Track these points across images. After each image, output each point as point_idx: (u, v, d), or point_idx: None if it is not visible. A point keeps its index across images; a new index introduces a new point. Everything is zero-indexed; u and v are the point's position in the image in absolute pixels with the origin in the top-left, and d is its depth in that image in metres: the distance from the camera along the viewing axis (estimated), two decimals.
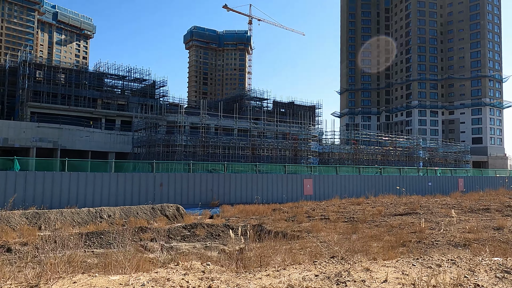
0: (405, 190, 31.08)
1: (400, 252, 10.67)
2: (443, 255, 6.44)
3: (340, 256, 6.18)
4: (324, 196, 32.60)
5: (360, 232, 13.90)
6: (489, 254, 6.98)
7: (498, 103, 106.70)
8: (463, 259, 5.45)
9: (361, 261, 5.50)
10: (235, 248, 12.62)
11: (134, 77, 62.33)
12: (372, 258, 9.37)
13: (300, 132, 43.02)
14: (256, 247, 11.84)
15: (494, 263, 5.35)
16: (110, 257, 7.10)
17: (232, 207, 24.11)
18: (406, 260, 5.45)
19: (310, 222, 16.24)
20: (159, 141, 36.10)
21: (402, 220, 16.32)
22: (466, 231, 13.41)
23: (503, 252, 10.45)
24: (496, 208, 19.99)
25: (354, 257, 6.35)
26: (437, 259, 5.45)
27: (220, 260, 9.88)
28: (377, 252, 10.35)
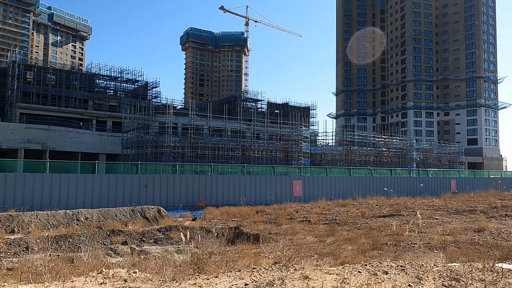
0: (393, 191, 30.79)
1: (372, 256, 10.32)
2: (395, 261, 6.09)
3: (282, 263, 5.81)
4: (313, 197, 32.21)
5: (337, 234, 13.55)
6: (445, 260, 6.63)
7: (493, 104, 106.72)
8: (414, 265, 5.09)
9: (303, 268, 5.14)
10: (205, 251, 12.27)
11: (127, 78, 61.97)
12: (340, 263, 9.03)
13: (291, 133, 42.66)
14: (225, 251, 11.48)
15: (447, 269, 4.99)
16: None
17: (217, 209, 23.75)
18: (354, 267, 5.09)
19: (289, 224, 15.87)
20: (147, 142, 35.70)
21: (384, 222, 15.97)
22: (445, 234, 13.06)
23: (478, 255, 10.10)
24: (482, 209, 19.68)
25: (302, 262, 5.99)
26: (386, 266, 5.09)
27: (181, 264, 9.50)
28: (347, 256, 9.99)
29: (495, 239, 12.15)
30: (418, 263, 5.18)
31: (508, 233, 13.21)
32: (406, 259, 9.91)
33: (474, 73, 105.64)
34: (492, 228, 14.06)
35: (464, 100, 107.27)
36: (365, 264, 5.25)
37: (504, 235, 12.86)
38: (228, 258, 10.27)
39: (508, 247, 11.08)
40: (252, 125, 41.38)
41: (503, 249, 10.86)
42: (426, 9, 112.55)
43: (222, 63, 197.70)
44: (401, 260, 10.03)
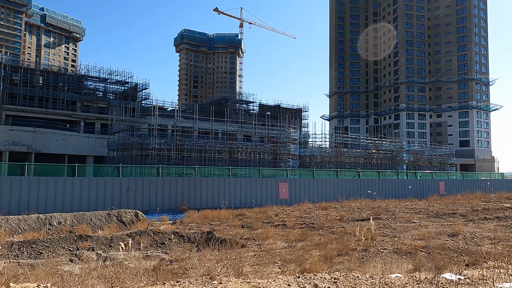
0: (377, 194, 30.62)
1: (337, 262, 10.06)
2: (330, 273, 5.82)
3: (212, 275, 5.52)
4: (300, 199, 31.96)
5: (309, 239, 13.27)
6: (384, 270, 6.37)
7: (485, 106, 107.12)
8: (349, 277, 4.82)
9: (229, 281, 4.85)
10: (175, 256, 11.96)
11: (116, 80, 61.45)
12: (300, 271, 8.75)
13: (280, 135, 42.38)
14: (188, 257, 11.17)
15: (382, 282, 4.73)
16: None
17: (198, 212, 23.37)
18: (286, 279, 4.82)
19: (264, 229, 15.59)
20: (133, 144, 35.27)
21: (360, 226, 15.72)
22: (418, 238, 12.85)
23: (446, 261, 9.87)
24: (462, 212, 19.53)
25: (239, 273, 5.70)
26: (320, 278, 4.82)
27: (138, 273, 9.17)
28: (311, 263, 9.71)
29: (467, 244, 11.95)
30: (354, 275, 4.91)
31: (482, 237, 13.02)
32: (370, 266, 9.66)
33: (466, 75, 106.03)
34: (467, 232, 13.87)
35: (456, 102, 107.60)
36: (299, 276, 4.98)
37: (477, 239, 12.66)
38: (189, 265, 9.97)
39: (479, 252, 10.86)
40: (240, 126, 41.03)
41: (473, 254, 10.64)
42: (418, 11, 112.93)
43: (216, 65, 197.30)
44: (366, 266, 9.79)
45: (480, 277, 5.22)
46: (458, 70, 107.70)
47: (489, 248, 11.40)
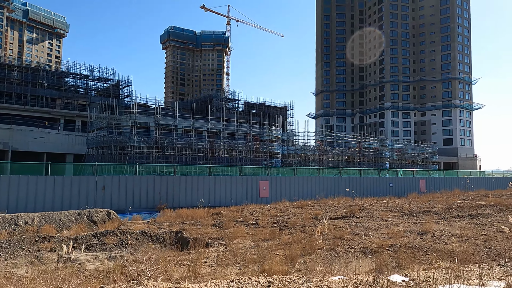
0: (355, 192, 30.65)
1: (301, 262, 9.86)
2: (268, 276, 5.59)
3: (140, 278, 5.24)
4: (280, 198, 31.80)
5: (278, 238, 13.06)
6: (321, 273, 6.17)
7: (468, 105, 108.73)
8: (284, 281, 4.60)
9: (157, 286, 4.58)
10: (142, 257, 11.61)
11: (98, 77, 60.44)
12: (260, 272, 8.51)
13: (262, 133, 42.15)
14: (149, 258, 10.84)
15: (318, 285, 4.50)
16: None
17: (175, 211, 22.98)
18: (219, 283, 4.57)
19: (236, 228, 15.34)
20: (112, 142, 34.60)
21: (333, 225, 15.60)
22: (388, 237, 12.74)
23: (411, 260, 9.77)
24: (437, 210, 19.57)
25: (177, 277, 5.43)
26: (255, 281, 4.58)
27: (91, 275, 8.84)
28: (275, 262, 9.48)
29: (435, 243, 11.88)
30: (291, 278, 4.68)
31: (450, 235, 12.98)
32: (333, 267, 9.49)
33: (449, 75, 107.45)
34: (437, 230, 13.84)
35: (440, 101, 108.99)
36: (232, 279, 4.73)
37: (445, 238, 12.62)
38: (147, 267, 9.64)
39: (444, 250, 10.80)
40: (222, 124, 40.64)
41: (438, 253, 10.56)
42: (403, 11, 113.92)
43: (203, 62, 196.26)
44: (328, 267, 9.61)
45: (425, 278, 5.05)
46: (442, 70, 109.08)
47: (455, 246, 11.35)
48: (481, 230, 14.03)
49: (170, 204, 28.04)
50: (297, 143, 57.31)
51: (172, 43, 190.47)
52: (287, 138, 55.70)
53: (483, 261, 9.80)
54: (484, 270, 5.93)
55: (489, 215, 18.08)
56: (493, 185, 48.66)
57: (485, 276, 5.29)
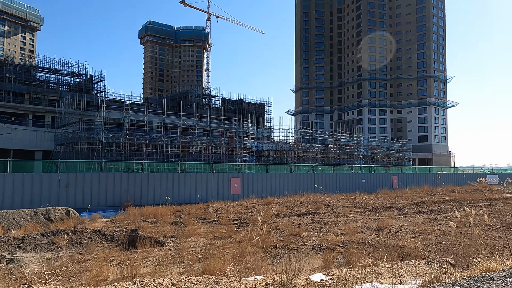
0: (323, 188, 30.76)
1: (250, 259, 9.62)
2: (172, 278, 5.33)
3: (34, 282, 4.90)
4: (253, 194, 31.64)
5: (234, 236, 12.81)
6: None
7: (442, 103, 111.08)
8: (190, 282, 4.33)
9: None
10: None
11: (69, 71, 58.76)
12: (203, 271, 8.24)
13: (236, 130, 41.81)
14: (92, 258, 10.44)
15: (225, 286, 4.25)
16: None
17: (140, 208, 22.43)
18: (120, 285, 4.26)
19: (195, 226, 15.04)
20: (79, 138, 33.60)
21: (294, 221, 15.47)
22: (343, 233, 12.67)
23: (359, 257, 9.68)
24: (401, 206, 19.73)
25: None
26: (158, 284, 4.30)
27: (25, 277, 8.38)
28: (221, 261, 9.22)
29: (389, 238, 11.86)
30: (198, 279, 4.42)
31: (406, 231, 13.03)
32: (279, 264, 9.31)
33: (424, 73, 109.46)
34: (394, 226, 13.87)
35: (415, 98, 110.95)
36: (135, 282, 4.44)
37: (400, 233, 12.64)
38: (87, 267, 9.23)
39: (395, 246, 10.77)
40: (194, 121, 40.06)
41: (389, 249, 10.53)
42: (380, 9, 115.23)
43: (183, 58, 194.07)
44: (275, 265, 9.43)
45: (344, 277, 4.87)
46: (418, 68, 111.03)
47: (408, 242, 11.35)
48: (437, 226, 14.15)
49: (137, 202, 27.42)
50: (276, 139, 57.24)
51: (151, 38, 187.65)
52: (264, 135, 55.56)
53: (431, 256, 9.80)
54: (411, 267, 5.83)
55: (450, 210, 18.34)
56: (463, 181, 49.78)
57: (409, 273, 5.16)
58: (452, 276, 4.66)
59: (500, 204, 21.00)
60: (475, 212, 17.44)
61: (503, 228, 12.18)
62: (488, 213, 17.23)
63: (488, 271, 4.90)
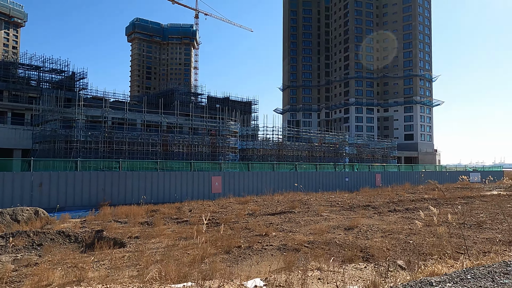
0: (305, 187, 30.62)
1: (211, 261, 9.30)
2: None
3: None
4: (234, 193, 31.35)
5: (203, 236, 12.43)
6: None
7: (428, 101, 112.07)
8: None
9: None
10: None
11: (50, 68, 57.60)
12: (159, 274, 7.88)
13: (219, 128, 41.37)
14: (43, 261, 10.01)
15: None
16: None
17: (115, 208, 21.92)
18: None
19: (164, 226, 14.65)
20: (56, 136, 32.79)
21: (266, 221, 15.19)
22: (313, 233, 12.41)
23: (324, 258, 9.42)
24: (377, 204, 19.60)
25: None
26: None
27: None
28: (179, 264, 8.88)
29: (357, 238, 11.64)
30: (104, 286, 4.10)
31: (376, 230, 12.83)
32: (237, 267, 9.00)
33: (411, 72, 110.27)
34: (365, 225, 13.68)
35: (402, 97, 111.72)
36: None
37: (370, 233, 12.44)
38: (34, 271, 8.80)
39: (361, 246, 10.54)
40: (173, 118, 39.49)
41: (355, 249, 10.30)
42: (367, 8, 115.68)
43: (171, 56, 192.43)
44: (234, 267, 9.11)
45: (280, 283, 4.56)
46: (404, 67, 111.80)
47: (376, 242, 11.14)
48: (409, 224, 14.00)
49: (115, 201, 26.89)
50: (263, 137, 56.95)
51: (138, 35, 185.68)
52: (250, 133, 55.22)
53: (396, 256, 9.59)
54: (357, 270, 5.57)
55: (426, 209, 18.24)
56: (446, 178, 50.20)
57: (352, 278, 4.89)
58: (392, 282, 4.40)
59: (476, 202, 21.03)
60: (451, 210, 17.36)
61: (462, 228, 12.06)
62: (463, 211, 17.19)
63: (431, 275, 4.66)
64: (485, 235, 11.82)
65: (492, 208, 18.08)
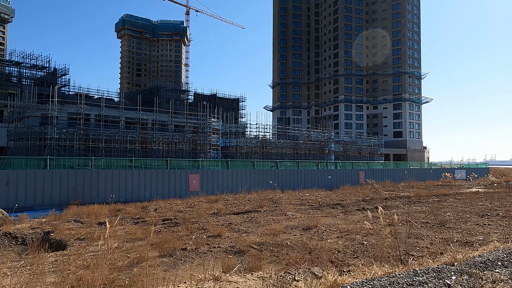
0: (277, 184, 30.18)
1: (149, 265, 8.77)
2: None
3: None
4: (212, 191, 30.81)
5: (151, 238, 11.90)
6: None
7: (417, 99, 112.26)
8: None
9: None
10: None
11: (32, 64, 56.47)
12: (87, 280, 7.35)
13: (199, 125, 40.75)
14: None
15: None
16: None
17: (81, 207, 21.26)
18: None
19: (118, 227, 14.07)
20: (31, 134, 31.96)
21: (227, 220, 14.69)
22: (268, 233, 11.93)
23: (268, 261, 8.95)
24: (348, 203, 19.21)
25: None
26: None
27: None
28: (113, 268, 8.35)
29: (312, 239, 11.18)
30: None
31: (335, 230, 12.40)
32: (174, 271, 8.50)
33: (400, 69, 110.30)
34: (326, 225, 13.24)
35: (391, 94, 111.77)
36: None
37: (327, 233, 12.00)
38: None
39: (312, 248, 10.08)
40: (152, 115, 38.79)
41: (305, 251, 9.84)
42: (357, 5, 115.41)
43: (161, 53, 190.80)
44: (171, 271, 8.60)
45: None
46: (393, 64, 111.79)
47: (330, 242, 10.70)
48: (371, 224, 13.55)
49: (87, 200, 26.23)
50: (249, 135, 56.40)
51: (128, 32, 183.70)
52: (234, 130, 54.63)
53: (345, 258, 9.15)
54: (258, 280, 5.11)
55: (397, 207, 17.88)
56: (430, 176, 50.09)
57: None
58: None
59: (449, 199, 20.72)
60: (420, 209, 16.96)
61: (408, 227, 11.67)
62: (431, 210, 16.83)
63: (335, 285, 4.19)
64: (444, 235, 11.43)
65: (463, 206, 17.76)
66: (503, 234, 11.32)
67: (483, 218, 14.64)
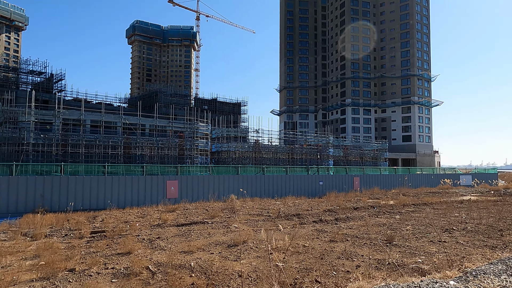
0: (247, 192, 28.77)
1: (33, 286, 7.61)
2: None
3: None
4: (192, 198, 29.69)
5: (50, 256, 10.71)
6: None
7: (427, 102, 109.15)
8: None
9: None
10: None
11: (28, 70, 56.67)
12: None
13: (186, 129, 39.73)
14: None
15: None
16: None
17: (46, 215, 20.30)
18: None
19: (42, 239, 13.01)
20: (6, 139, 31.39)
21: (162, 233, 13.43)
22: (187, 250, 10.62)
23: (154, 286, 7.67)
24: (312, 213, 17.77)
25: None
26: None
27: None
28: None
29: (226, 259, 9.83)
30: None
31: (263, 248, 10.98)
32: None
33: (408, 71, 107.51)
34: (256, 240, 11.84)
35: (399, 97, 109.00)
36: None
37: (253, 251, 10.65)
38: None
39: (215, 271, 8.73)
40: (135, 119, 37.91)
41: (203, 275, 8.51)
42: (364, 7, 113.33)
43: (171, 58, 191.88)
44: None
45: None
46: (402, 66, 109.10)
47: (244, 264, 9.33)
48: (314, 240, 12.10)
49: (55, 207, 25.33)
50: (251, 140, 55.15)
51: (138, 37, 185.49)
52: (235, 135, 53.44)
53: (249, 284, 7.79)
54: None
55: (359, 219, 16.33)
56: (429, 182, 47.89)
57: None
58: None
59: (426, 209, 19.00)
60: (383, 221, 15.38)
61: (350, 245, 10.18)
62: (395, 222, 15.22)
63: None
64: (382, 256, 9.92)
65: (433, 218, 16.09)
66: (450, 255, 9.74)
67: (445, 232, 13.03)
